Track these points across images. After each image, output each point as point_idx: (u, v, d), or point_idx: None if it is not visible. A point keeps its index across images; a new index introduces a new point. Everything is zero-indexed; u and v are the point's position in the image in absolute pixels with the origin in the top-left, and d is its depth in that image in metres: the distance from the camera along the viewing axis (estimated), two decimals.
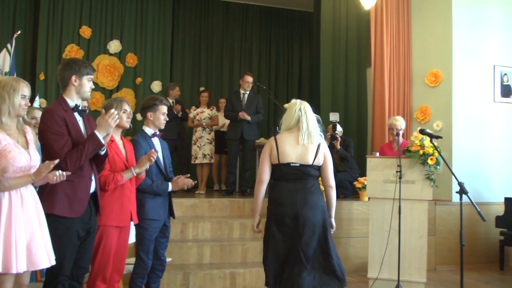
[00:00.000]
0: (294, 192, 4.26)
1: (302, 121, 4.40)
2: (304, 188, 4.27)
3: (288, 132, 4.42)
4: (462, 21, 8.58)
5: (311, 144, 4.33)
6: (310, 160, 4.30)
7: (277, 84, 12.72)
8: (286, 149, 4.32)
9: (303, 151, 4.30)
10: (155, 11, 11.44)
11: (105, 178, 4.11)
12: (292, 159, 4.29)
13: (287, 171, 4.30)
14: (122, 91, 10.98)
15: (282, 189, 4.31)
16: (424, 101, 8.83)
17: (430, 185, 6.17)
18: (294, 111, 4.47)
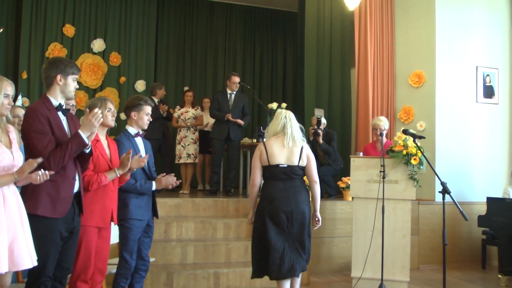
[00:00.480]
0: (285, 190, 4.90)
1: (287, 127, 5.00)
2: (293, 186, 4.93)
3: (274, 137, 5.02)
4: (445, 22, 8.64)
5: (296, 147, 4.96)
6: (295, 161, 4.93)
7: (261, 84, 12.72)
8: (275, 152, 4.93)
9: (289, 153, 4.93)
10: (139, 10, 11.38)
11: (89, 178, 4.08)
12: (280, 161, 4.92)
13: (276, 171, 4.92)
14: (106, 90, 10.90)
15: (273, 188, 4.93)
16: (407, 102, 8.88)
17: (413, 185, 6.21)
18: (280, 119, 5.05)
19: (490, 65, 8.92)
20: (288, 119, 5.04)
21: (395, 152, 6.24)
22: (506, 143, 9.02)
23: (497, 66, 8.98)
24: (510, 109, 9.10)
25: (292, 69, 12.74)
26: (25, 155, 3.64)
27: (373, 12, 8.99)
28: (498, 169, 8.88)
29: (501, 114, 8.99)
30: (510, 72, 9.14)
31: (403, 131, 5.80)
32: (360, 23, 8.99)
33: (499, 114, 8.98)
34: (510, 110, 9.09)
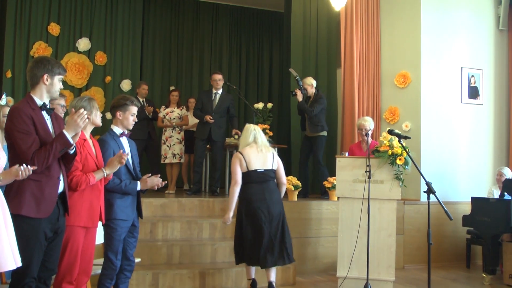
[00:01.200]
0: (262, 191, 5.69)
1: (258, 137, 5.86)
2: (268, 188, 5.74)
3: (248, 147, 5.81)
4: (430, 23, 8.69)
5: (268, 153, 5.81)
6: (270, 165, 5.78)
7: (247, 84, 12.73)
8: (252, 159, 5.72)
9: (264, 159, 5.77)
10: (125, 9, 11.34)
11: (78, 178, 4.06)
12: (257, 166, 5.73)
13: (255, 175, 5.71)
14: (91, 89, 10.85)
15: (252, 189, 5.69)
16: (393, 102, 8.92)
17: (398, 185, 6.23)
18: (250, 131, 5.90)
19: (475, 66, 8.99)
20: (257, 131, 5.91)
21: (380, 152, 6.26)
22: (490, 144, 9.09)
23: (481, 67, 9.05)
24: (495, 110, 9.17)
25: (278, 69, 12.76)
26: (8, 155, 3.62)
27: (359, 13, 9.02)
28: (483, 169, 8.95)
29: (485, 115, 9.06)
30: (494, 73, 9.21)
31: (388, 131, 5.82)
32: (346, 24, 9.01)
33: (484, 115, 9.05)
34: (494, 111, 9.17)
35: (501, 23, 9.21)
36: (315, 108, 8.19)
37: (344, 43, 8.99)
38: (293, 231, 7.17)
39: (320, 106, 8.24)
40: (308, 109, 8.22)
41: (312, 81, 8.42)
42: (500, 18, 9.20)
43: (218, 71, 9.48)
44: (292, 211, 7.30)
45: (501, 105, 9.26)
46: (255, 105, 9.13)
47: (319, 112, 8.24)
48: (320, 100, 8.27)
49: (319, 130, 8.24)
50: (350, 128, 8.79)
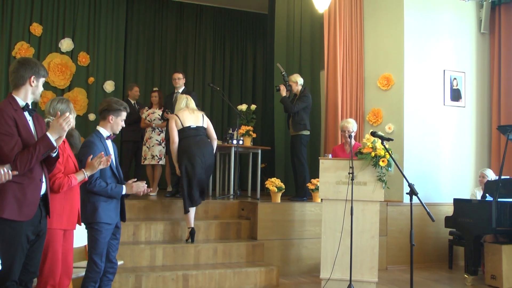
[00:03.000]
0: (196, 143, 6.76)
1: (189, 103, 7.05)
2: (203, 141, 6.86)
3: (181, 110, 6.96)
4: (413, 26, 8.75)
5: (199, 114, 7.00)
6: (200, 123, 6.93)
7: (231, 85, 12.71)
8: (185, 118, 6.87)
9: (195, 118, 6.92)
10: (108, 10, 11.29)
11: (60, 180, 4.03)
12: (191, 123, 6.86)
13: (189, 131, 6.82)
14: (74, 90, 10.78)
15: (188, 142, 6.77)
16: (376, 104, 8.97)
17: (381, 187, 6.26)
18: (183, 99, 7.09)
19: (457, 69, 9.07)
20: (188, 99, 7.09)
21: (363, 154, 6.29)
22: (472, 146, 9.17)
23: (464, 70, 9.13)
24: (477, 112, 9.26)
25: (262, 71, 12.76)
26: None
27: (343, 15, 9.06)
28: (465, 171, 9.03)
29: (468, 117, 9.14)
30: (476, 75, 9.30)
31: (371, 133, 5.85)
32: (329, 26, 9.04)
33: (466, 117, 9.13)
34: (476, 113, 9.25)
35: (483, 27, 9.31)
36: (297, 105, 8.12)
37: (328, 45, 9.02)
38: (276, 233, 7.23)
39: (303, 104, 8.15)
40: (289, 105, 8.16)
41: (297, 78, 8.36)
42: (482, 22, 9.31)
43: (179, 70, 9.48)
44: (275, 213, 7.31)
45: (483, 107, 9.35)
46: (238, 107, 9.12)
47: (302, 110, 8.17)
48: (304, 98, 8.20)
49: (301, 128, 8.15)
50: (333, 130, 8.82)
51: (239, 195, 8.48)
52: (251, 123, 8.91)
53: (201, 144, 6.78)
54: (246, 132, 8.62)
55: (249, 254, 6.95)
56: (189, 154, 6.69)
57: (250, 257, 6.95)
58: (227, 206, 7.74)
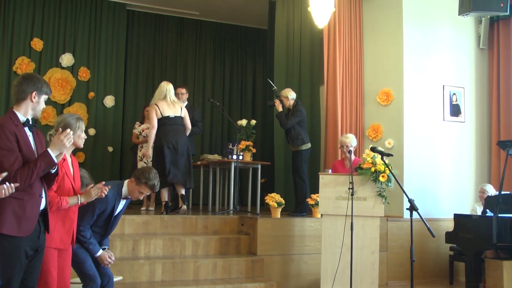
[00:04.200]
0: (173, 130, 7.71)
1: (168, 95, 7.85)
2: (178, 129, 7.78)
3: (160, 101, 7.82)
4: (412, 41, 8.78)
5: (177, 105, 7.89)
6: (178, 113, 7.84)
7: (230, 101, 12.74)
8: (165, 108, 7.78)
9: (174, 109, 7.82)
10: (109, 25, 11.34)
11: (50, 199, 3.94)
12: (169, 114, 7.77)
13: (167, 120, 7.71)
14: (74, 105, 10.80)
15: (165, 129, 7.70)
16: (376, 119, 8.98)
17: (381, 202, 6.26)
18: (163, 90, 7.89)
19: (456, 84, 9.08)
20: (168, 89, 7.87)
21: (363, 169, 6.29)
22: (472, 161, 9.17)
23: (463, 85, 9.15)
24: (476, 127, 9.27)
25: (262, 86, 12.78)
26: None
27: (342, 31, 9.09)
28: (465, 186, 9.01)
29: (467, 132, 9.15)
30: (475, 91, 9.32)
31: (371, 149, 5.86)
32: (329, 41, 9.07)
33: (466, 132, 9.13)
34: (476, 128, 9.26)
35: (482, 42, 9.34)
36: (291, 120, 8.10)
37: (327, 61, 9.04)
38: (276, 248, 7.19)
39: (296, 118, 8.13)
40: (283, 120, 8.14)
41: (288, 93, 8.32)
42: (481, 37, 9.34)
43: (183, 85, 9.58)
44: (275, 228, 7.28)
45: (483, 123, 9.36)
46: (238, 122, 9.12)
47: (297, 125, 8.15)
48: (297, 112, 8.17)
49: (299, 143, 8.13)
50: (333, 145, 8.81)
51: (238, 210, 8.45)
52: (251, 138, 8.90)
53: (176, 132, 7.73)
54: (246, 147, 8.61)
55: (249, 270, 6.92)
56: (165, 139, 7.65)
57: (249, 273, 6.91)
58: (227, 221, 7.71)
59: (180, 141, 7.72)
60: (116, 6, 11.47)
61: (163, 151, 7.64)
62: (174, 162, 7.70)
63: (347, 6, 9.22)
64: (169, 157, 7.65)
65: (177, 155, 7.70)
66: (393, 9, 8.93)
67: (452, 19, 8.97)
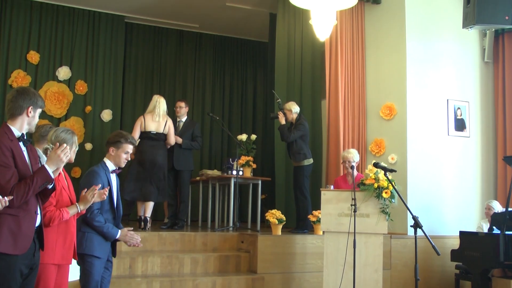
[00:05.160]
0: (152, 146, 7.91)
1: (156, 108, 8.02)
2: (158, 145, 7.96)
3: (150, 113, 8.04)
4: (416, 55, 8.80)
5: (162, 121, 8.00)
6: (161, 129, 7.98)
7: (230, 115, 12.75)
8: (149, 122, 7.96)
9: (157, 125, 7.97)
10: (107, 37, 11.38)
11: (51, 214, 3.99)
12: (152, 129, 7.95)
13: (149, 135, 7.92)
14: (71, 119, 10.80)
15: (145, 144, 7.94)
16: (379, 134, 8.98)
17: (385, 219, 6.24)
18: (153, 103, 8.09)
19: (461, 98, 9.09)
20: (158, 102, 8.06)
21: (366, 185, 6.28)
22: (478, 177, 9.15)
23: (467, 99, 9.16)
24: (482, 142, 9.26)
25: (262, 99, 12.79)
26: None
27: (344, 44, 9.12)
28: (470, 203, 8.98)
29: (472, 147, 9.14)
30: (480, 105, 9.33)
31: (374, 164, 5.85)
32: (331, 55, 9.10)
33: (471, 147, 9.12)
34: (481, 143, 9.25)
35: (486, 55, 9.36)
36: (293, 134, 8.09)
37: (329, 74, 9.07)
38: (277, 266, 7.16)
39: (299, 132, 8.12)
40: (286, 133, 8.13)
41: (292, 106, 8.33)
42: (485, 51, 9.37)
43: (182, 98, 9.64)
44: (276, 246, 7.26)
45: (488, 137, 9.35)
46: (238, 137, 9.12)
47: (300, 139, 8.15)
48: (300, 126, 8.17)
49: (301, 158, 8.13)
50: (335, 161, 8.81)
51: (238, 227, 8.42)
52: (251, 153, 8.90)
53: (155, 148, 7.92)
54: (246, 162, 8.61)
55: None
56: (141, 156, 7.90)
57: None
58: (226, 238, 7.69)
59: (157, 158, 7.88)
60: (114, 19, 11.52)
61: (136, 167, 7.92)
62: (143, 179, 7.82)
63: (349, 18, 9.26)
64: (135, 174, 7.88)
65: (153, 170, 7.83)
66: (395, 22, 8.97)
67: (456, 31, 9.00)
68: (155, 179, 7.85)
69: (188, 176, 8.61)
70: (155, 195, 7.85)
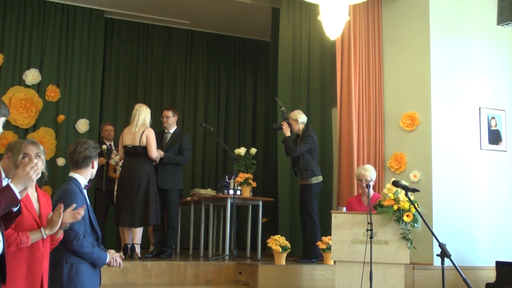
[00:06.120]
0: (130, 162, 7.99)
1: (136, 117, 7.99)
2: (136, 160, 7.94)
3: (129, 125, 8.04)
4: (442, 56, 8.80)
5: (138, 133, 7.91)
6: (137, 142, 7.91)
7: (226, 125, 12.75)
8: (125, 136, 8.02)
9: (133, 137, 7.94)
10: (84, 35, 11.39)
11: (7, 237, 3.90)
12: (127, 143, 7.97)
13: (126, 150, 8.00)
14: (40, 130, 10.76)
15: (124, 161, 8.14)
16: (399, 148, 8.97)
17: (406, 246, 6.22)
18: (134, 111, 8.08)
19: (495, 106, 9.08)
20: (138, 111, 8.04)
21: (384, 207, 6.27)
22: None
23: (503, 107, 9.14)
24: None
25: (264, 108, 12.81)
26: None
27: (358, 43, 9.14)
28: (508, 228, 8.94)
29: (509, 163, 9.11)
30: None
31: (393, 183, 5.83)
32: (342, 56, 9.11)
33: (508, 163, 9.10)
34: None
35: None
36: (300, 147, 8.11)
37: (341, 78, 9.08)
38: None
39: (307, 145, 8.15)
40: (291, 147, 8.15)
41: (298, 115, 8.36)
42: None
43: (170, 107, 9.63)
44: (280, 277, 7.24)
45: None
46: (236, 151, 9.11)
47: (307, 153, 8.17)
48: (307, 139, 8.19)
49: (309, 175, 8.14)
50: (348, 178, 8.80)
51: (236, 256, 8.39)
52: (250, 169, 8.89)
53: (133, 163, 7.98)
54: (244, 180, 8.59)
55: None
56: (121, 173, 8.16)
57: None
58: (222, 269, 7.67)
59: (136, 174, 7.90)
60: (93, 14, 11.55)
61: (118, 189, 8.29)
62: (123, 201, 7.91)
63: (363, 14, 9.30)
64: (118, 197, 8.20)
65: (132, 190, 7.84)
66: (418, 19, 9.00)
67: (489, 29, 9.03)
68: (137, 200, 7.80)
69: (176, 196, 8.58)
70: (139, 219, 7.80)
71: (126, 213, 7.79)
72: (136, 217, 7.79)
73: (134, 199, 7.79)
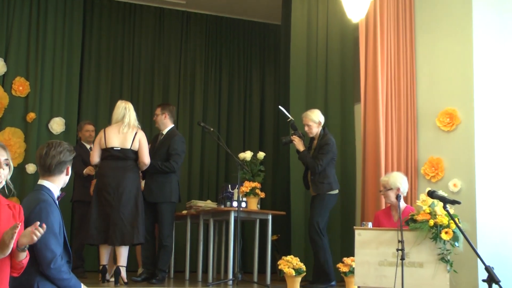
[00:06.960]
0: (116, 168, 7.91)
1: (126, 116, 8.05)
2: (124, 167, 7.95)
3: (115, 124, 8.07)
4: (488, 42, 8.76)
5: (130, 133, 7.98)
6: (128, 145, 7.95)
7: (229, 124, 12.79)
8: (112, 136, 7.97)
9: (123, 138, 7.96)
10: (58, 18, 11.42)
11: None
12: (115, 144, 7.94)
13: (112, 153, 7.94)
14: (5, 131, 10.77)
15: (108, 167, 7.99)
16: (435, 152, 8.93)
17: (445, 270, 6.18)
18: (121, 109, 8.13)
19: None
20: (127, 110, 8.10)
21: (418, 222, 6.23)
22: None
23: None
24: None
25: (273, 104, 12.81)
26: None
27: (386, 27, 9.09)
28: None
29: None
30: None
31: (428, 193, 5.81)
32: (367, 42, 9.08)
33: None
34: None
35: None
36: (322, 161, 8.17)
37: (365, 69, 9.06)
38: None
39: (328, 156, 8.22)
40: (311, 163, 8.22)
41: (319, 116, 8.43)
42: None
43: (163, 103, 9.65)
44: None
45: None
46: (240, 155, 9.11)
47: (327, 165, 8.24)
48: (326, 148, 8.25)
49: (325, 190, 8.20)
50: (374, 188, 8.75)
51: (241, 280, 8.40)
52: (257, 177, 8.88)
53: (119, 171, 7.92)
54: (251, 190, 8.58)
55: None
56: (102, 181, 7.97)
57: None
58: None
59: (125, 183, 7.86)
60: None
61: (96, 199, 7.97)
62: (107, 214, 7.77)
63: None
64: (97, 208, 7.90)
65: (120, 201, 7.78)
66: None
67: None
68: (126, 213, 7.74)
69: (168, 211, 8.51)
70: (128, 235, 7.71)
71: (115, 229, 7.65)
72: (127, 234, 7.72)
73: (124, 212, 7.75)
